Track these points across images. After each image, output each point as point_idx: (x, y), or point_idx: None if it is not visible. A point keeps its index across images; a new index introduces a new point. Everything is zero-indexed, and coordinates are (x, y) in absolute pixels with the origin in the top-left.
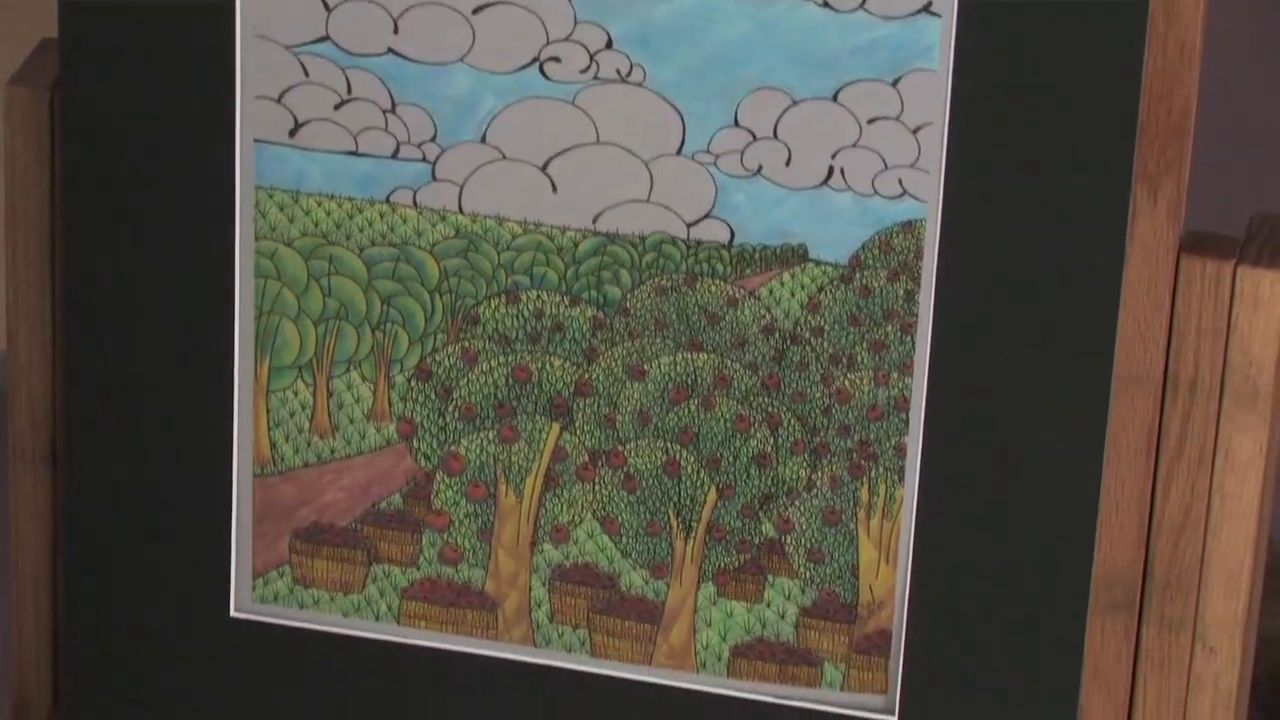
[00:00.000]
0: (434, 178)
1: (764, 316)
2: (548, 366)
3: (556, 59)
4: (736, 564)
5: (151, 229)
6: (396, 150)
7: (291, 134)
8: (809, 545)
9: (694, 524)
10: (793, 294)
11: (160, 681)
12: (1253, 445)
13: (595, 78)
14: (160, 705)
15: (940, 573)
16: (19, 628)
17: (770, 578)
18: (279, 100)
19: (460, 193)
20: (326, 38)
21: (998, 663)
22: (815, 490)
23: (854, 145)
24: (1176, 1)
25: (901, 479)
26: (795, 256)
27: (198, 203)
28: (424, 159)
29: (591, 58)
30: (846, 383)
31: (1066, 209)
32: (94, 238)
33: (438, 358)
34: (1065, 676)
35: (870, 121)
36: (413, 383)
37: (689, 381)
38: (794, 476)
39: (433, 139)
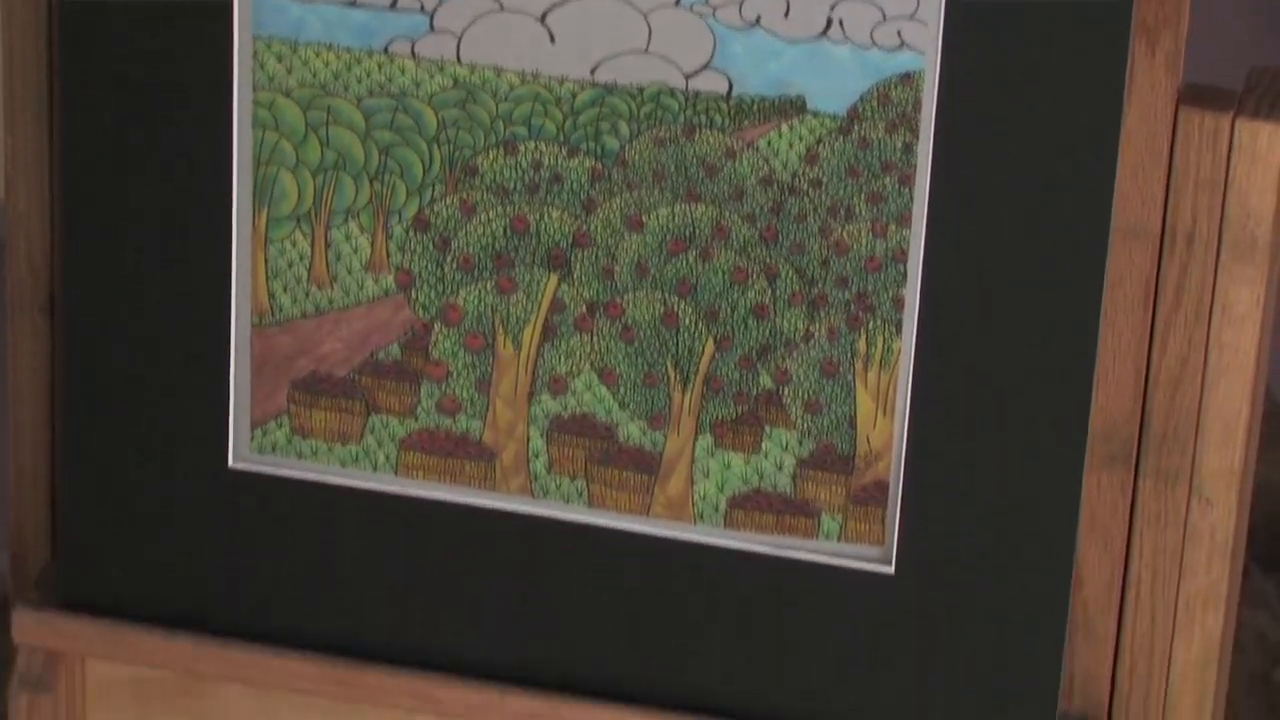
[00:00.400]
0: (432, 28)
1: (762, 168)
2: (546, 217)
3: None
4: (734, 415)
5: (149, 79)
6: (394, 0)
7: None
8: (806, 397)
9: (692, 375)
10: (791, 145)
11: (158, 532)
12: (1250, 297)
13: None
14: (158, 556)
15: (937, 424)
16: (16, 479)
17: (768, 429)
18: None
19: (458, 43)
20: None
21: (995, 514)
22: (813, 342)
23: None
24: None
25: (899, 330)
26: (793, 108)
27: (196, 53)
28: (422, 9)
29: None
30: (844, 234)
31: (1065, 61)
32: (91, 88)
33: (436, 208)
34: (1062, 529)
35: None
36: (411, 233)
37: (687, 233)
38: (792, 328)
39: None
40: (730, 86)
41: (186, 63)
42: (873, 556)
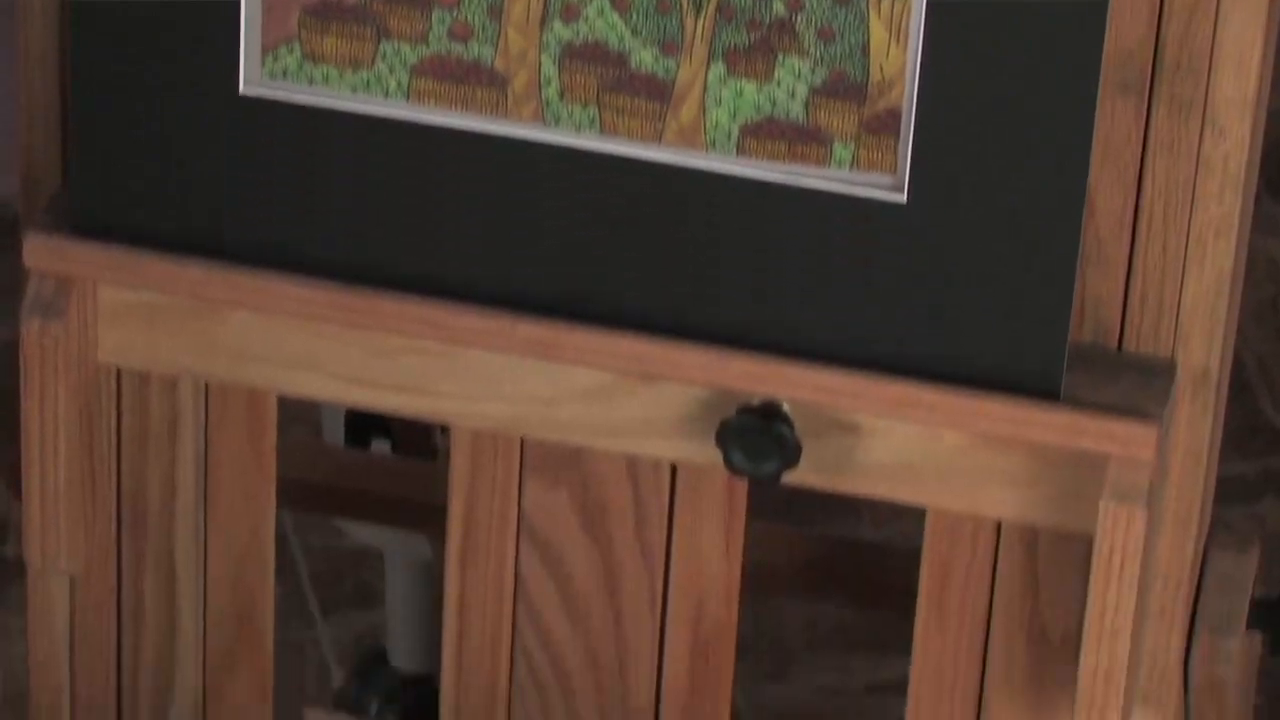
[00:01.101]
0: None
1: None
2: None
3: None
4: (746, 43)
5: None
6: None
7: None
8: (819, 24)
9: (704, 2)
10: None
11: (169, 159)
12: None
13: None
14: (168, 183)
15: (950, 52)
16: (27, 104)
17: (780, 57)
18: None
19: None
20: None
21: (1007, 143)
22: None
23: None
24: None
25: None
26: None
27: None
28: None
29: None
30: None
31: None
32: None
33: None
34: (1074, 157)
35: None
36: None
37: None
38: None
39: None
40: None
41: None
42: (885, 185)
